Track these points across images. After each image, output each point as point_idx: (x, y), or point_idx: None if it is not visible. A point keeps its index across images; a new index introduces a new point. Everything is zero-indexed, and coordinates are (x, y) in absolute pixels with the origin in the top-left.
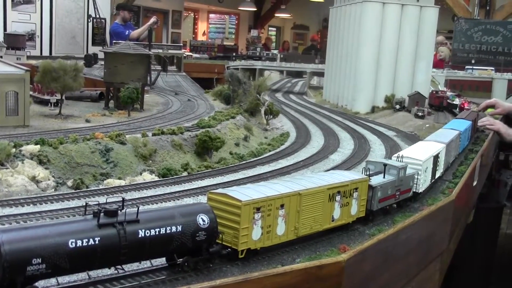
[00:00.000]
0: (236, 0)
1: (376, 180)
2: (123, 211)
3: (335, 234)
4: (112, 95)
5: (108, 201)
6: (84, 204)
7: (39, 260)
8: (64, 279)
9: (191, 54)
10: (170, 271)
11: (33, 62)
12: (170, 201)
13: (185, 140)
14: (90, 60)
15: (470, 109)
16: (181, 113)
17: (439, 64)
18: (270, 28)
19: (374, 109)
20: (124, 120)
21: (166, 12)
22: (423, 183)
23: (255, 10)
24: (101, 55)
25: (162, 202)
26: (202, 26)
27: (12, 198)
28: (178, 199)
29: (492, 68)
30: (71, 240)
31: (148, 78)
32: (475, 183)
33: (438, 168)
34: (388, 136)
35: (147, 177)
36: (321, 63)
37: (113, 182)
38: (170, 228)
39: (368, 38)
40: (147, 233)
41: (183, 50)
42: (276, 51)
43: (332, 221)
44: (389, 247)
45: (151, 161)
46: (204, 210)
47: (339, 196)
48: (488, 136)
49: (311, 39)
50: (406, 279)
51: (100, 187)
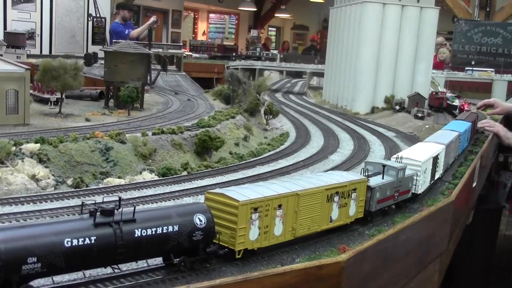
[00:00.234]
0: (236, 0)
1: (374, 181)
2: (119, 210)
3: (335, 235)
4: (112, 94)
5: (105, 200)
6: (80, 203)
7: (35, 259)
8: (59, 279)
9: (191, 53)
10: (166, 271)
11: (33, 60)
12: (170, 200)
13: (185, 139)
14: (90, 59)
15: (470, 110)
16: (181, 112)
17: (439, 65)
18: (270, 28)
19: (373, 109)
20: (124, 119)
21: (166, 12)
22: (422, 184)
23: (255, 10)
24: (101, 54)
25: (162, 202)
26: (202, 26)
27: (11, 197)
28: (178, 199)
29: (492, 69)
30: (67, 239)
31: (148, 78)
32: (474, 184)
33: (437, 169)
34: (387, 137)
35: (147, 176)
36: (320, 64)
37: (113, 181)
38: (166, 227)
39: (368, 39)
40: (144, 232)
41: (183, 50)
42: (276, 51)
43: (330, 222)
44: (388, 247)
45: (151, 160)
46: (201, 210)
47: (337, 196)
48: (487, 138)
49: (311, 39)
50: (405, 279)
51: (100, 186)
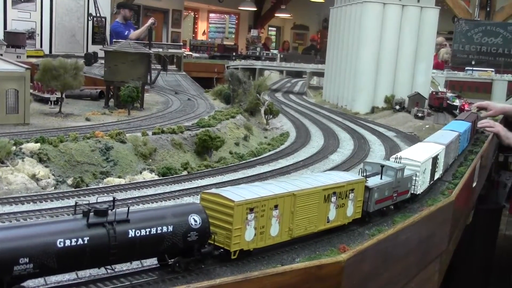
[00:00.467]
0: (236, 0)
1: (373, 181)
2: (113, 210)
3: (334, 234)
4: (112, 93)
5: (99, 200)
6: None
7: (27, 260)
8: (59, 278)
9: (191, 53)
10: (161, 271)
11: (33, 60)
12: (170, 200)
13: (185, 139)
14: (90, 58)
15: (470, 110)
16: (181, 112)
17: (440, 65)
18: (270, 28)
19: (374, 109)
20: (124, 119)
21: (166, 11)
22: (421, 185)
23: (255, 10)
24: (101, 54)
25: (162, 201)
26: (202, 26)
27: (12, 196)
28: (178, 198)
29: (492, 69)
30: (60, 239)
31: (148, 77)
32: (474, 184)
33: (437, 169)
34: (387, 137)
35: (147, 176)
36: (320, 63)
37: (113, 181)
38: (161, 228)
39: (368, 39)
40: (137, 233)
41: (183, 50)
42: (276, 51)
43: (328, 222)
44: (388, 247)
45: (151, 160)
46: (196, 210)
47: (335, 197)
48: (487, 138)
49: (311, 39)
50: (405, 279)
51: (100, 185)
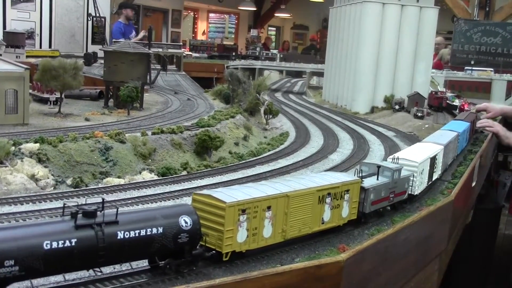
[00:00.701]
0: None
1: (369, 182)
2: (102, 212)
3: (334, 234)
4: (111, 93)
5: (88, 202)
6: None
7: (12, 262)
8: (59, 278)
9: (190, 53)
10: (152, 273)
11: (32, 60)
12: (169, 200)
13: (184, 139)
14: (90, 58)
15: (470, 110)
16: (180, 112)
17: (439, 65)
18: (269, 28)
19: (373, 109)
20: (123, 119)
21: (166, 11)
22: (419, 185)
23: (255, 9)
24: (100, 54)
25: (161, 201)
26: (202, 26)
27: (11, 196)
28: (177, 198)
29: (491, 69)
30: (46, 241)
31: (148, 77)
32: (474, 184)
33: (435, 170)
34: (387, 137)
35: (147, 176)
36: (320, 63)
37: (112, 181)
38: (150, 230)
39: (367, 39)
40: (127, 234)
41: (183, 49)
42: (276, 51)
43: (322, 223)
44: (388, 247)
45: (150, 160)
46: (187, 211)
47: (330, 198)
48: (487, 137)
49: (311, 39)
50: (405, 279)
51: (99, 185)
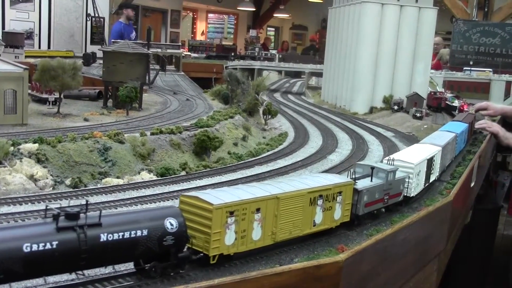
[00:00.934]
0: (235, 0)
1: (362, 183)
2: (85, 214)
3: (333, 235)
4: (110, 94)
5: (71, 204)
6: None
7: None
8: (57, 279)
9: (189, 53)
10: (138, 276)
11: (31, 60)
12: (168, 200)
13: (183, 139)
14: (89, 59)
15: (468, 111)
16: (179, 112)
17: (439, 65)
18: (268, 28)
19: (372, 109)
20: (122, 119)
21: (165, 12)
22: (415, 187)
23: (254, 10)
24: (99, 54)
25: (160, 201)
26: (201, 26)
27: (10, 197)
28: (176, 199)
29: (490, 69)
30: (26, 244)
31: (147, 77)
32: (472, 184)
33: (432, 171)
34: (386, 137)
35: (146, 176)
36: (319, 64)
37: (111, 181)
38: (135, 232)
39: (366, 39)
40: (110, 237)
41: (182, 50)
42: (275, 51)
43: (314, 226)
44: (387, 247)
45: (149, 160)
46: (172, 213)
47: (321, 200)
48: (486, 138)
49: (311, 39)
50: (403, 279)
51: (98, 186)
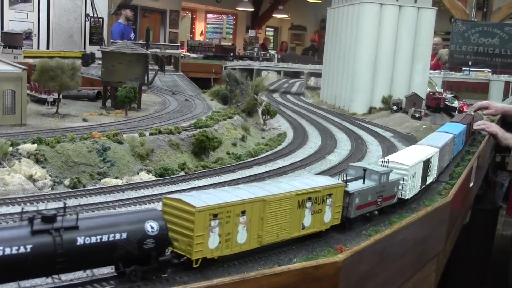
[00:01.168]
0: (234, 0)
1: (354, 186)
2: (61, 217)
3: (332, 235)
4: (109, 94)
5: (48, 206)
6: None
7: None
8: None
9: (188, 54)
10: (119, 280)
11: (30, 60)
12: None
13: (182, 139)
14: (88, 59)
15: (466, 112)
16: (178, 112)
17: (438, 66)
18: (267, 29)
19: (371, 110)
20: (121, 120)
21: (164, 12)
22: (410, 189)
23: (253, 10)
24: (98, 54)
25: (159, 202)
26: (200, 26)
27: (8, 197)
28: None
29: (489, 70)
30: None
31: (146, 78)
32: (471, 185)
33: (429, 173)
34: (385, 137)
35: (144, 176)
36: (318, 64)
37: (110, 182)
38: (113, 235)
39: (365, 39)
40: (87, 240)
41: (181, 50)
42: (274, 51)
43: (302, 229)
44: (385, 247)
45: (148, 160)
46: (153, 216)
47: (310, 202)
48: (484, 138)
49: (311, 39)
50: (402, 279)
51: (97, 186)
